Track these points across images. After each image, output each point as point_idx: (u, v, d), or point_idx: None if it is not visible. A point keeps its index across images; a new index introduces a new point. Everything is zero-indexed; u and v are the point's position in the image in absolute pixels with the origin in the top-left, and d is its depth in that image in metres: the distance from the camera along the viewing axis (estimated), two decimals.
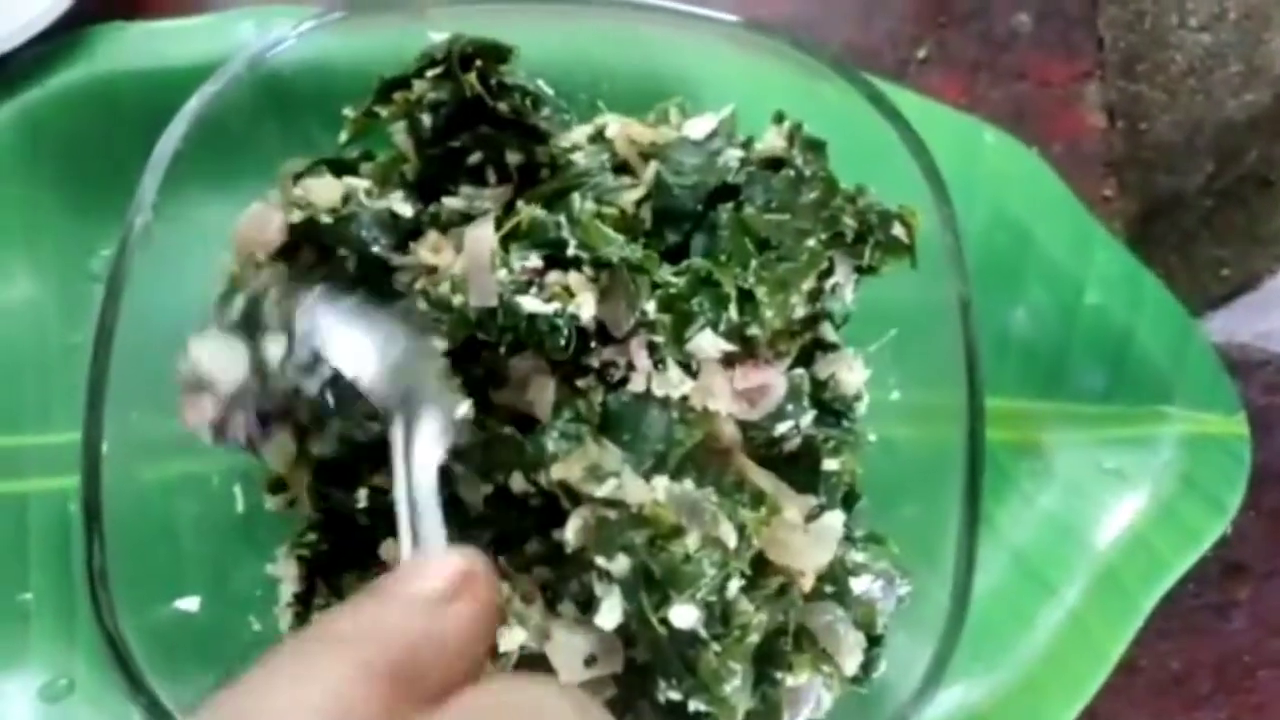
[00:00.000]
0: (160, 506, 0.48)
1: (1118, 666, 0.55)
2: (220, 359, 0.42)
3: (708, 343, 0.44)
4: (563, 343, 0.43)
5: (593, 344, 0.44)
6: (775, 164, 0.48)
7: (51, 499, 0.54)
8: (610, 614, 0.42)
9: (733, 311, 0.45)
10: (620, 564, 0.43)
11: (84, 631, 0.52)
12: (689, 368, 0.45)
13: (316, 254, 0.46)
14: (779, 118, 0.48)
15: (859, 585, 0.45)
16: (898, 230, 0.47)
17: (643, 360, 0.44)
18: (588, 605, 0.45)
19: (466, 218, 0.46)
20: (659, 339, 0.44)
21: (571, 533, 0.42)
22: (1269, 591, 0.61)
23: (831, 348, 0.49)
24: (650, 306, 0.44)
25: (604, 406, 0.44)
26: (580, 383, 0.44)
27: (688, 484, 0.43)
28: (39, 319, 0.56)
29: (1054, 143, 0.65)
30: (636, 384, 0.44)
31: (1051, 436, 0.58)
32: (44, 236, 0.56)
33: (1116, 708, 0.58)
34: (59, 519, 0.53)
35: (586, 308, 0.44)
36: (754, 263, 0.46)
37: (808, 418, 0.47)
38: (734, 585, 0.43)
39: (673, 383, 0.44)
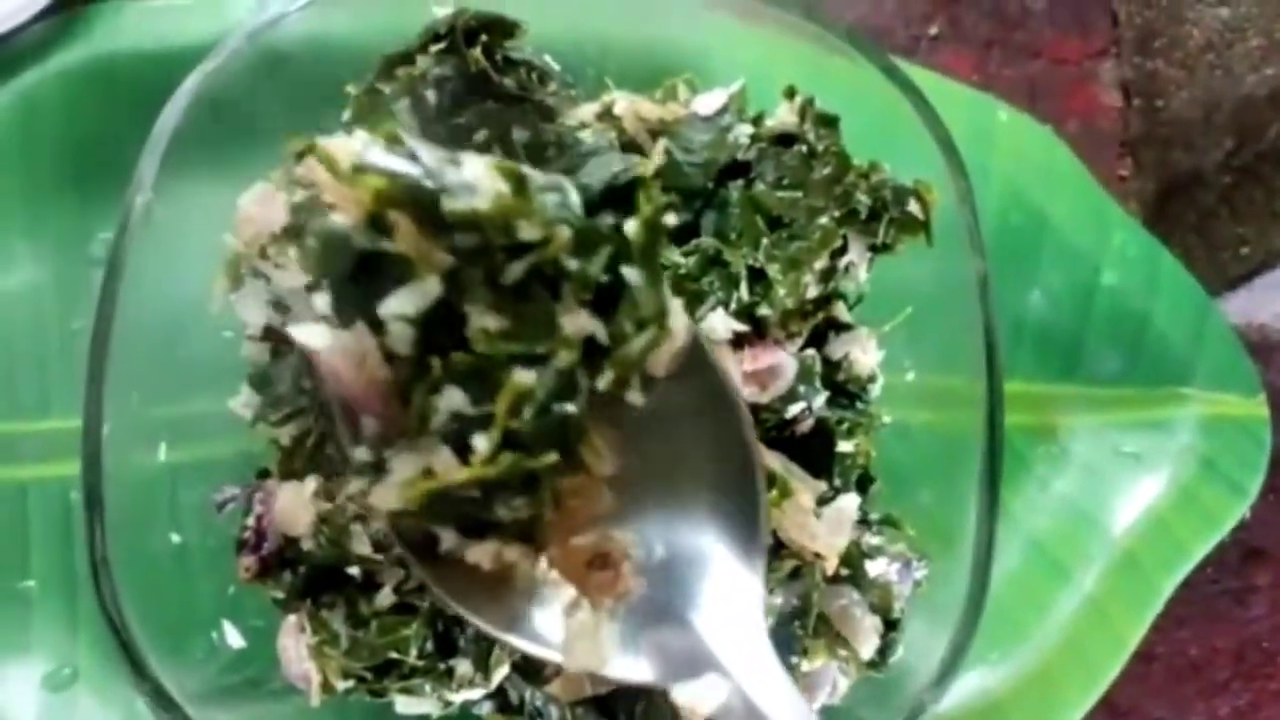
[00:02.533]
0: (164, 491, 0.47)
1: (1135, 654, 0.54)
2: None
3: (718, 323, 0.44)
4: None
5: None
6: (787, 140, 0.47)
7: (52, 486, 0.53)
8: None
9: (744, 291, 0.44)
10: None
11: (87, 620, 0.52)
12: None
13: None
14: (790, 93, 0.47)
15: (875, 568, 0.44)
16: (913, 207, 0.46)
17: None
18: None
19: None
20: None
21: None
22: None
23: (845, 328, 0.48)
24: None
25: None
26: None
27: None
28: (38, 304, 0.55)
29: (1069, 121, 0.64)
30: None
31: (1068, 420, 0.57)
32: (43, 219, 0.56)
33: (1134, 696, 0.57)
34: (60, 506, 0.53)
35: None
36: (765, 241, 0.45)
37: (820, 399, 0.46)
38: None
39: None
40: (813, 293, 0.46)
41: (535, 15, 0.46)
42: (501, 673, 0.44)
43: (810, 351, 0.47)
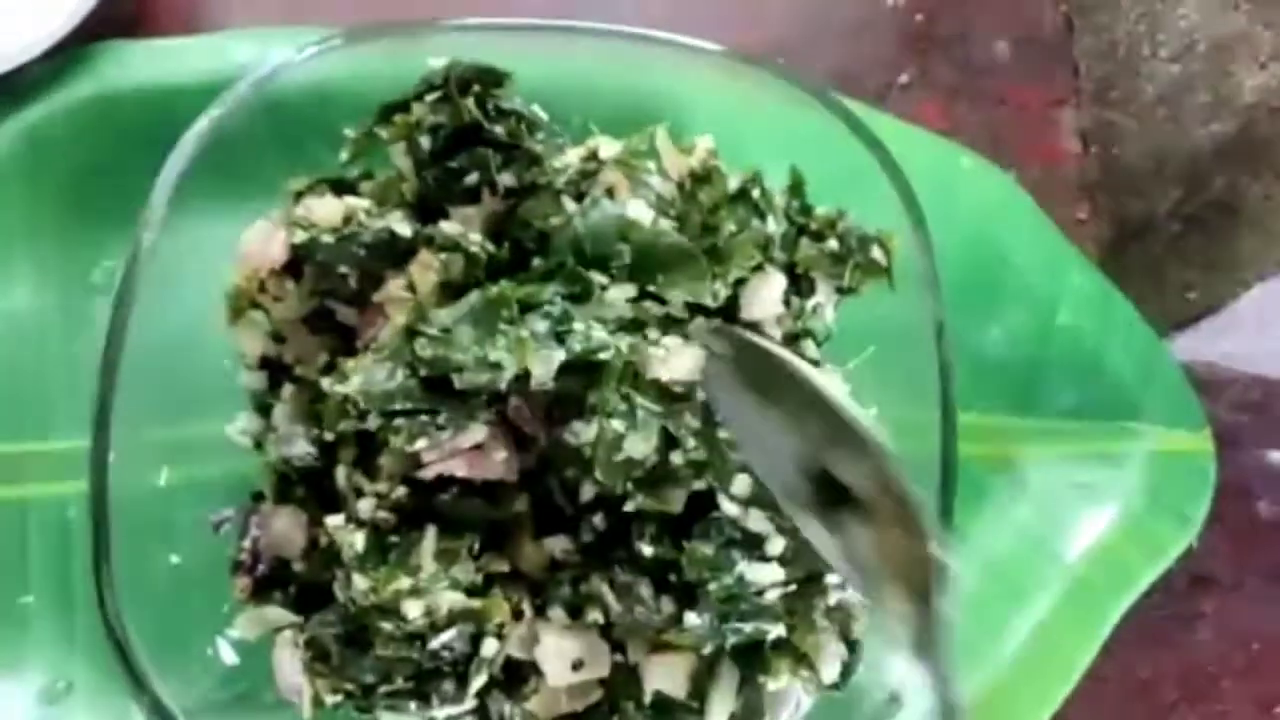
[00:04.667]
0: (163, 513, 0.49)
1: (1086, 675, 0.57)
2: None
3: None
4: None
5: None
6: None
7: (52, 504, 0.54)
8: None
9: None
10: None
11: (83, 634, 0.53)
12: None
13: (318, 270, 0.48)
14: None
15: (837, 594, 0.47)
16: (876, 254, 0.49)
17: None
18: (578, 611, 0.47)
19: (458, 246, 0.47)
20: None
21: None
22: (1234, 603, 0.63)
23: (813, 364, 0.51)
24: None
25: None
26: None
27: None
28: (40, 329, 0.57)
29: (1030, 166, 0.67)
30: None
31: (1025, 451, 0.60)
32: (46, 248, 0.57)
33: (1084, 716, 0.60)
34: (59, 524, 0.54)
35: None
36: None
37: None
38: None
39: None
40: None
41: (525, 66, 0.49)
42: (478, 682, 0.45)
43: None
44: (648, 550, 0.45)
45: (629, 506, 0.45)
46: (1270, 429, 0.64)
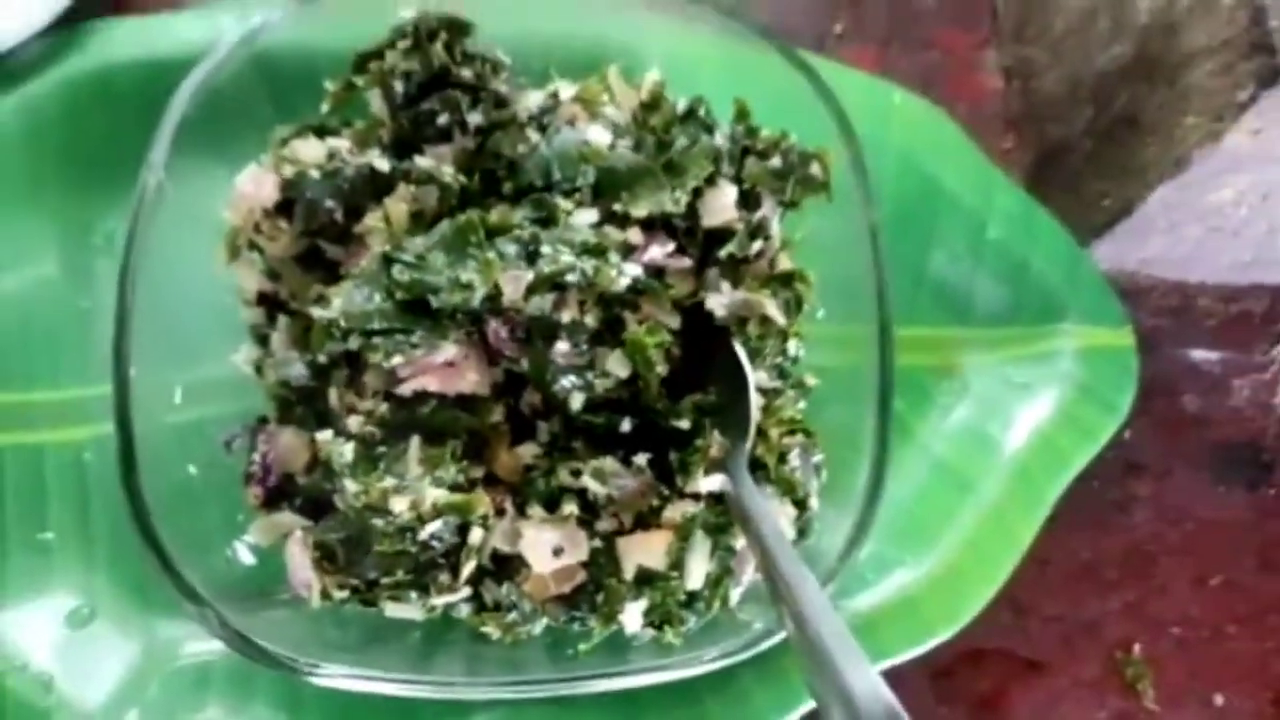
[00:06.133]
0: (180, 438, 0.52)
1: (1034, 559, 0.62)
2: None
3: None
4: None
5: None
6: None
7: (67, 448, 0.59)
8: None
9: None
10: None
11: (103, 563, 0.57)
12: None
13: (307, 208, 0.52)
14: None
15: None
16: (815, 169, 0.55)
17: None
18: (553, 505, 0.52)
19: (433, 178, 0.52)
20: None
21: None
22: (1166, 488, 0.68)
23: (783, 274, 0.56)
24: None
25: None
26: None
27: None
28: (48, 288, 0.61)
29: (959, 104, 0.72)
30: None
31: (966, 359, 0.66)
32: (50, 214, 0.61)
33: (1035, 596, 0.65)
34: (75, 465, 0.58)
35: None
36: None
37: None
38: None
39: None
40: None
41: (488, 14, 0.54)
42: (469, 568, 0.50)
43: None
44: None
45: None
46: (1189, 330, 0.70)
